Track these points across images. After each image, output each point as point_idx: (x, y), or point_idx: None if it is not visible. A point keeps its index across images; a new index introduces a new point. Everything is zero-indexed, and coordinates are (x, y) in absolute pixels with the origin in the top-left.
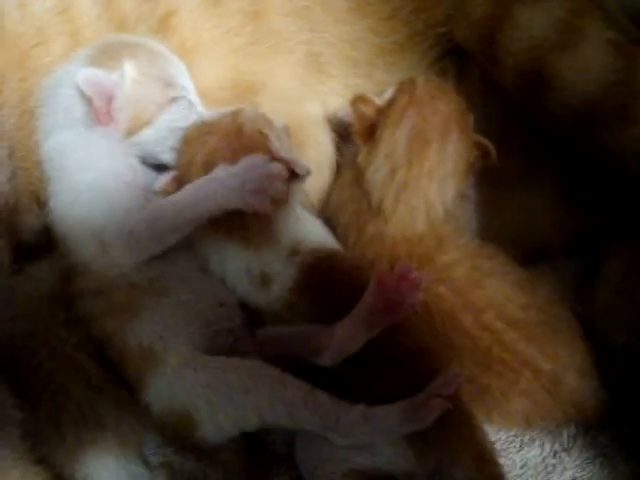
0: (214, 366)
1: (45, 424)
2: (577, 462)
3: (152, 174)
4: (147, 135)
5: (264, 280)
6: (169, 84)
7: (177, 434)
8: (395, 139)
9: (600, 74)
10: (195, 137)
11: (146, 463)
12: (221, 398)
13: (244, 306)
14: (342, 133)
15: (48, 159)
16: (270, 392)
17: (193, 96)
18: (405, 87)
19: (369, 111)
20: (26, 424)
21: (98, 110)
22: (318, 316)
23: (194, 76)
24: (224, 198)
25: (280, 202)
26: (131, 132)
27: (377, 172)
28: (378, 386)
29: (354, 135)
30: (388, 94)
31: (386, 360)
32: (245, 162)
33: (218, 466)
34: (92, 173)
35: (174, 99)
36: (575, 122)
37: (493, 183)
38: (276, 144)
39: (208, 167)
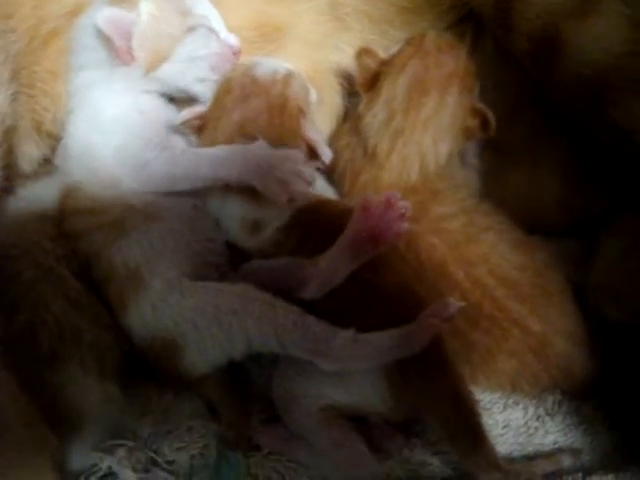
0: (202, 290)
1: (21, 332)
2: (560, 427)
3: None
4: (167, 69)
5: (255, 227)
6: (186, 14)
7: (160, 363)
8: (395, 86)
9: (613, 44)
10: (239, 89)
11: (123, 388)
12: (209, 321)
13: (230, 245)
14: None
15: (74, 93)
16: (259, 314)
17: (216, 23)
18: (414, 40)
19: (373, 63)
20: (2, 329)
21: (119, 49)
22: (303, 254)
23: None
24: (248, 174)
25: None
26: (152, 68)
27: (374, 117)
28: (361, 323)
29: (357, 86)
30: (395, 48)
31: (370, 298)
32: (284, 152)
33: (196, 401)
34: (115, 109)
35: (190, 28)
36: (585, 94)
37: (499, 153)
38: (309, 124)
39: (242, 128)
